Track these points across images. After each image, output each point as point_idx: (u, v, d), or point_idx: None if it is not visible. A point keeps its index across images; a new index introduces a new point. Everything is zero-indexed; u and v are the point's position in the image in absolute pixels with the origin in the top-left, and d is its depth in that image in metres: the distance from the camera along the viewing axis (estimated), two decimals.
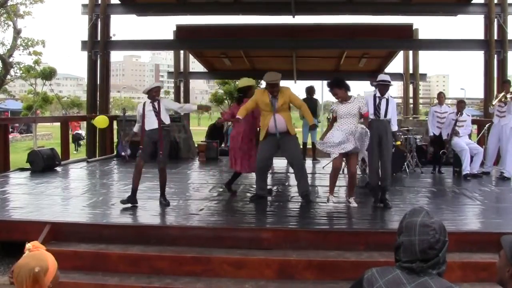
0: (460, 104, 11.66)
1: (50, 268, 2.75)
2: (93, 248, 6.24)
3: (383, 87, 8.01)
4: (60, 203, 8.20)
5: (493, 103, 11.23)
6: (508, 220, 7.41)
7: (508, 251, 2.32)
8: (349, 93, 7.97)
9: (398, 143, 7.77)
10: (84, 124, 20.02)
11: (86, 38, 15.79)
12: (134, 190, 7.96)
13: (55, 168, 12.00)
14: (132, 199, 7.92)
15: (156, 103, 7.97)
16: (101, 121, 13.88)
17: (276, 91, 8.03)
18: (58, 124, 16.38)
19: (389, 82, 8.04)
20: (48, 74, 46.01)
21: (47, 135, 37.78)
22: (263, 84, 8.37)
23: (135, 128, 8.23)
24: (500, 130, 11.18)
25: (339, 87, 7.90)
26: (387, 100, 7.98)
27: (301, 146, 14.20)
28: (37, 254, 2.76)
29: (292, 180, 9.48)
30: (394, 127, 8.27)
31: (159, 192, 8.13)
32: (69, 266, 5.81)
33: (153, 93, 8.02)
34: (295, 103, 8.27)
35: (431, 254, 2.32)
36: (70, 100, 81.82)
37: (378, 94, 7.99)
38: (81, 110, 69.60)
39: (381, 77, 8.09)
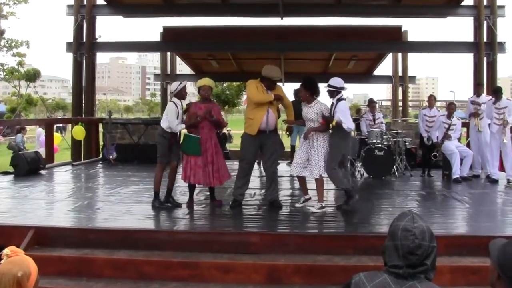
0: (451, 106, 11.73)
1: (32, 273, 2.73)
2: (78, 253, 6.20)
3: (328, 92, 7.99)
4: (44, 207, 8.14)
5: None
6: (498, 223, 7.47)
7: (494, 256, 2.33)
8: (317, 98, 7.97)
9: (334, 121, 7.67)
10: None
11: (71, 39, 15.73)
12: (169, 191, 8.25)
13: (40, 172, 11.93)
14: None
15: (182, 104, 8.14)
16: (78, 132, 14.01)
17: (275, 86, 8.10)
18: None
19: (333, 86, 7.88)
20: (32, 76, 45.79)
21: (31, 138, 37.54)
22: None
23: (180, 125, 8.09)
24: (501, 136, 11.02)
25: (304, 87, 7.94)
26: (335, 103, 7.89)
27: (290, 149, 14.27)
28: (18, 259, 2.74)
29: (280, 184, 9.49)
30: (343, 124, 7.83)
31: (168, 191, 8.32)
32: (54, 271, 5.78)
33: (183, 92, 8.14)
34: (284, 101, 8.24)
35: (413, 259, 2.32)
36: (55, 102, 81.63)
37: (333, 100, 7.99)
38: (66, 113, 69.37)
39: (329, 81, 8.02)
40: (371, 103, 13.39)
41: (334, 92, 7.88)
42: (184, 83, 8.16)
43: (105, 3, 16.44)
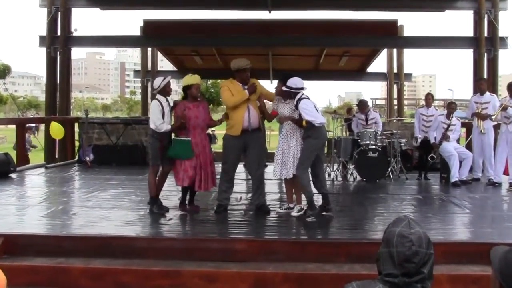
0: (451, 106, 11.74)
1: (0, 285, 2.70)
2: (52, 262, 6.14)
3: (286, 93, 7.89)
4: (14, 213, 8.08)
5: (493, 117, 11.13)
6: (500, 229, 7.47)
7: (495, 264, 2.32)
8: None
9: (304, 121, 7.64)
10: None
11: (44, 33, 15.64)
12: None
13: (10, 175, 11.83)
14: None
15: (168, 101, 8.04)
16: (56, 130, 13.81)
17: (247, 77, 8.03)
18: (14, 126, 16.15)
19: (289, 87, 7.74)
20: (2, 72, 45.59)
21: (1, 138, 37.36)
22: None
23: (166, 126, 7.90)
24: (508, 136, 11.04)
25: (281, 82, 7.92)
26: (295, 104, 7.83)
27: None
28: None
29: (268, 187, 9.48)
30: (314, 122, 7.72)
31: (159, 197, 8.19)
32: (24, 282, 5.73)
33: (167, 89, 8.05)
34: (263, 91, 8.26)
35: (409, 267, 2.31)
36: (26, 100, 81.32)
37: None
38: (39, 112, 69.04)
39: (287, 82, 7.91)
40: (361, 105, 13.32)
41: (291, 93, 7.85)
42: (167, 79, 8.08)
43: None
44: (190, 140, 7.73)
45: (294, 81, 7.76)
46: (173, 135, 8.05)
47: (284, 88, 7.78)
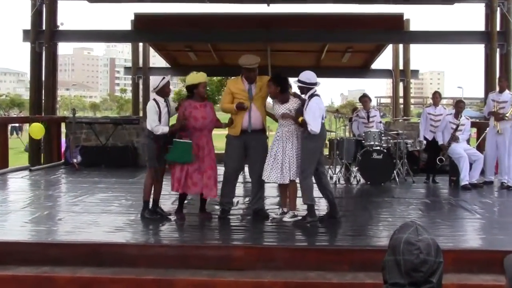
0: (459, 105, 11.69)
1: None
2: (36, 271, 6.12)
3: (299, 88, 7.91)
4: None
5: (507, 115, 11.12)
6: None
7: (509, 273, 2.31)
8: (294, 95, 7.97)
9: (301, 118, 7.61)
10: None
11: (28, 26, 15.61)
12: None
13: None
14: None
15: (167, 101, 8.00)
16: (36, 130, 13.75)
17: (254, 76, 8.02)
18: None
19: (303, 82, 7.73)
20: None
21: None
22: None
23: (163, 128, 7.81)
24: None
25: (273, 82, 7.88)
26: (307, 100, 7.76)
27: None
28: None
29: (267, 191, 9.47)
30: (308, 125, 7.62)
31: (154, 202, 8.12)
32: None
33: (166, 89, 7.99)
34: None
35: (417, 277, 2.30)
36: (9, 98, 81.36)
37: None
38: (23, 110, 69.02)
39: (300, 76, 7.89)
40: (363, 97, 13.38)
41: (304, 89, 7.81)
42: (167, 78, 8.00)
43: None
44: (191, 143, 7.65)
45: (307, 75, 7.74)
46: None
47: (297, 83, 7.75)
